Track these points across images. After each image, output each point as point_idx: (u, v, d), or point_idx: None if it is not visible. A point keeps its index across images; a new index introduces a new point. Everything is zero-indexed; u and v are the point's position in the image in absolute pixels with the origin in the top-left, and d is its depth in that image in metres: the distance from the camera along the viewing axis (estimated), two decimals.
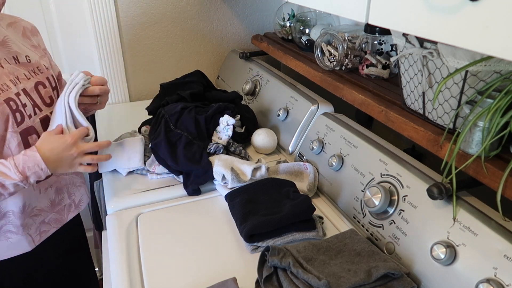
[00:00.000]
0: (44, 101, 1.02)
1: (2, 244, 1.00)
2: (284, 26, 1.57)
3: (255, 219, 0.91)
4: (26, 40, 1.05)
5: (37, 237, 1.06)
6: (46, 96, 1.02)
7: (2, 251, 1.01)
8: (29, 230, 1.03)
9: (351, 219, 0.97)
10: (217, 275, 0.82)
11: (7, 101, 0.91)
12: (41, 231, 1.07)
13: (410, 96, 0.92)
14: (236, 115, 1.26)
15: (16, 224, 1.00)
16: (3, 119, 0.90)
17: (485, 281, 0.65)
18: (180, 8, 1.69)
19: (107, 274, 1.00)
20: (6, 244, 1.00)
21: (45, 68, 1.04)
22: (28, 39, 1.06)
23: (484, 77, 0.74)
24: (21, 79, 0.96)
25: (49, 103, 1.03)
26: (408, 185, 0.86)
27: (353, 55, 1.22)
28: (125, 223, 0.98)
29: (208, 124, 1.19)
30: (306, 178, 1.10)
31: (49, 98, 1.03)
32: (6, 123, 0.91)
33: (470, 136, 0.74)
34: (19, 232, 1.01)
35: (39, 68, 1.02)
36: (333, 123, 1.12)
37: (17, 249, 1.02)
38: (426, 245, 0.77)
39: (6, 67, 0.95)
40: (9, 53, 0.97)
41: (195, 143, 1.14)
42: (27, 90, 0.97)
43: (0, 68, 0.94)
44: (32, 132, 0.97)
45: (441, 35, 0.55)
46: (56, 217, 1.10)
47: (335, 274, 0.75)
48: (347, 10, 0.75)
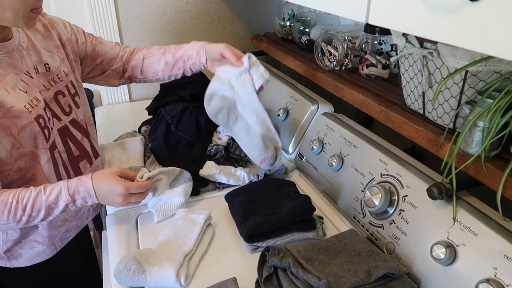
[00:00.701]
0: (64, 111, 0.99)
1: (26, 253, 0.99)
2: (284, 26, 1.57)
3: (255, 219, 0.91)
4: (47, 41, 0.99)
5: (59, 244, 1.05)
6: (66, 105, 0.99)
7: (25, 260, 0.99)
8: (54, 240, 1.02)
9: (351, 219, 0.97)
10: (217, 275, 0.82)
11: (37, 118, 0.88)
12: (63, 238, 1.06)
13: (410, 96, 0.92)
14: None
15: (43, 235, 0.99)
16: (31, 137, 0.88)
17: (485, 281, 0.65)
18: (180, 8, 1.69)
19: (107, 274, 1.00)
20: (30, 253, 0.99)
21: (64, 74, 1.00)
22: (50, 39, 1.00)
23: (484, 77, 0.74)
24: (41, 91, 0.93)
25: (68, 112, 1.00)
26: (408, 185, 0.86)
27: (353, 55, 1.22)
28: (125, 223, 0.98)
29: (208, 125, 1.19)
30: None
31: (68, 106, 1.00)
32: (35, 140, 0.89)
33: (470, 136, 0.74)
34: (44, 242, 1.00)
35: (58, 76, 0.98)
36: (333, 123, 1.12)
37: (40, 257, 1.01)
38: (426, 245, 0.77)
39: (35, 77, 0.92)
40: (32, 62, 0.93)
41: (196, 144, 1.14)
42: (47, 101, 0.94)
43: (30, 79, 0.91)
44: (54, 147, 0.95)
45: (441, 35, 0.55)
46: (77, 224, 1.09)
47: (335, 274, 0.75)
48: (347, 10, 0.75)
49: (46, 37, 0.99)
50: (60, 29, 1.04)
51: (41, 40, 0.98)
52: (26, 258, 0.99)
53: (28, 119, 0.86)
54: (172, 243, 0.87)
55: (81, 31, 1.10)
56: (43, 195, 0.86)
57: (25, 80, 0.89)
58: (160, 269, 0.80)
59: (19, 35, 0.92)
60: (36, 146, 0.89)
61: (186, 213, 0.94)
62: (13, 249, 0.97)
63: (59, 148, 0.97)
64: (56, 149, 0.96)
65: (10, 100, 0.84)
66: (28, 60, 0.92)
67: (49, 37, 1.00)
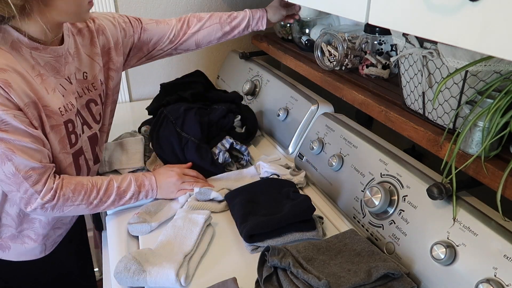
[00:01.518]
0: (95, 119, 1.00)
1: (16, 247, 0.99)
2: (284, 26, 1.57)
3: (255, 219, 0.91)
4: (93, 48, 0.99)
5: (50, 246, 1.05)
6: (97, 114, 1.01)
7: (13, 254, 1.00)
8: (47, 241, 1.03)
9: (351, 219, 0.97)
10: (217, 275, 0.82)
11: (66, 122, 0.89)
12: (55, 242, 1.07)
13: (410, 96, 0.92)
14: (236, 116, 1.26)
15: (38, 233, 1.00)
16: (56, 139, 0.88)
17: (485, 281, 0.65)
18: (180, 8, 1.69)
19: (107, 274, 1.00)
20: (20, 248, 1.00)
21: (100, 84, 1.01)
22: (94, 46, 0.99)
23: (484, 77, 0.74)
24: (76, 98, 0.94)
25: (98, 120, 1.02)
26: (408, 185, 0.86)
27: (353, 55, 1.22)
28: (125, 223, 0.98)
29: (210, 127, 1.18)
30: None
31: (99, 115, 1.01)
32: (59, 144, 0.89)
33: (470, 136, 0.74)
34: (37, 240, 1.00)
35: (93, 85, 0.99)
36: (333, 123, 1.12)
37: (27, 256, 1.02)
38: (426, 245, 0.77)
39: (74, 83, 0.93)
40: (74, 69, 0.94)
41: (203, 146, 1.14)
42: (79, 108, 0.95)
43: (69, 84, 0.92)
44: (80, 153, 0.96)
45: (441, 35, 0.55)
46: (67, 228, 1.10)
47: (335, 274, 0.75)
48: (347, 10, 0.75)
49: (91, 44, 0.99)
50: (108, 34, 1.03)
51: (86, 47, 0.98)
52: (14, 253, 1.00)
53: (58, 122, 0.87)
54: (172, 243, 0.87)
55: (127, 21, 1.10)
56: (115, 183, 0.95)
57: (64, 85, 0.90)
58: (160, 269, 0.80)
59: (69, 40, 0.93)
60: (59, 151, 0.90)
61: (186, 213, 0.94)
62: (4, 239, 0.98)
63: (87, 155, 0.99)
64: (83, 155, 0.97)
65: (47, 100, 0.85)
66: (72, 66, 0.93)
67: (93, 45, 1.00)
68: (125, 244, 0.94)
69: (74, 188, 0.89)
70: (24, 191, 0.83)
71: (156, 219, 0.97)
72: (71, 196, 0.88)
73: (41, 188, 0.84)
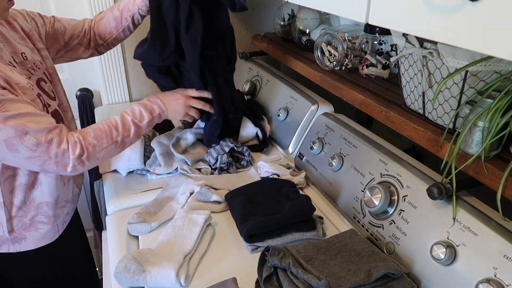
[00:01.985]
0: (50, 96, 1.01)
1: (31, 235, 1.02)
2: (284, 26, 1.57)
3: (255, 219, 0.91)
4: (16, 33, 1.01)
5: (61, 226, 1.09)
6: (50, 91, 1.02)
7: (30, 242, 1.02)
8: (58, 221, 1.06)
9: (351, 219, 0.97)
10: (217, 275, 0.82)
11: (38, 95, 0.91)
12: (64, 221, 1.10)
13: (410, 96, 0.92)
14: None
15: (49, 215, 1.03)
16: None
17: (485, 281, 0.66)
18: None
19: (107, 274, 1.00)
20: (35, 235, 1.02)
21: (40, 62, 1.02)
22: (15, 31, 1.00)
23: (484, 77, 0.74)
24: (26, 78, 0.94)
25: (53, 96, 1.02)
26: (408, 185, 0.86)
27: (353, 55, 1.22)
28: (125, 223, 0.98)
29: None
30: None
31: (52, 92, 1.02)
32: None
33: (470, 136, 0.74)
34: (50, 222, 1.03)
35: (35, 64, 1.00)
36: (333, 123, 1.12)
37: (44, 240, 1.04)
38: (426, 245, 0.77)
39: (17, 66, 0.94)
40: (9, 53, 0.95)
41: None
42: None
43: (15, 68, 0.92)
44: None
45: (441, 35, 0.55)
46: (72, 207, 1.13)
47: (335, 274, 0.75)
48: (347, 10, 0.75)
49: (12, 30, 1.01)
50: (21, 21, 1.05)
51: (10, 33, 0.99)
52: (31, 241, 1.02)
53: (32, 96, 0.89)
54: (172, 243, 0.87)
55: (37, 14, 1.12)
56: (127, 116, 0.98)
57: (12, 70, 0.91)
58: (160, 269, 0.80)
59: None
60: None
61: (186, 213, 0.94)
62: (17, 231, 1.00)
63: None
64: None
65: (15, 78, 0.87)
66: (6, 51, 0.94)
67: (14, 30, 1.01)
68: (125, 244, 0.94)
69: (94, 135, 0.92)
70: (55, 154, 0.86)
71: (156, 219, 0.97)
72: (96, 143, 0.91)
73: (67, 146, 0.87)
